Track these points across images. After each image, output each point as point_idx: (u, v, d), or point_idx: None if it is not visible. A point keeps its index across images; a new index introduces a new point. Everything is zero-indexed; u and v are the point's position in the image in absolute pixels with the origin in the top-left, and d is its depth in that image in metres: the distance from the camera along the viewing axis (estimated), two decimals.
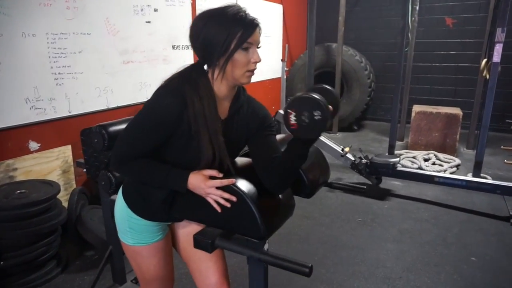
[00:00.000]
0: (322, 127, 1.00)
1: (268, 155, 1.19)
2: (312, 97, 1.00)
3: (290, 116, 1.03)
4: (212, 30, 1.07)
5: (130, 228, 1.28)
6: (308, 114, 1.00)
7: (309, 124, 1.00)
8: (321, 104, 0.99)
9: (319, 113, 0.99)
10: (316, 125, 1.00)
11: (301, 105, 1.01)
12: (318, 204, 3.28)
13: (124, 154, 1.13)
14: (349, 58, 5.60)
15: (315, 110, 0.99)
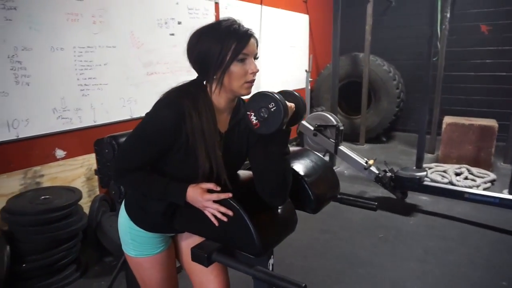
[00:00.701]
0: (280, 116, 1.03)
1: (265, 167, 1.16)
2: (262, 93, 1.05)
3: (250, 117, 1.07)
4: (206, 44, 1.08)
5: (132, 240, 1.29)
6: (264, 109, 1.04)
7: (268, 117, 1.04)
8: (272, 95, 1.04)
9: (273, 104, 1.03)
10: (275, 116, 1.03)
11: (256, 103, 1.06)
12: (339, 218, 3.19)
13: (123, 166, 1.14)
14: (376, 68, 5.47)
15: (269, 103, 1.04)
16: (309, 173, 1.38)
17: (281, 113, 1.02)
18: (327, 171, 1.48)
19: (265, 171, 1.14)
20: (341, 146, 3.74)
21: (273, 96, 1.03)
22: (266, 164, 1.15)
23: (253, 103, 1.06)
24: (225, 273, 1.39)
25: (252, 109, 1.06)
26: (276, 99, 1.02)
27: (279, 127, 1.04)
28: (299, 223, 3.00)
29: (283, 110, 1.02)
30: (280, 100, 1.02)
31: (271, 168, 1.11)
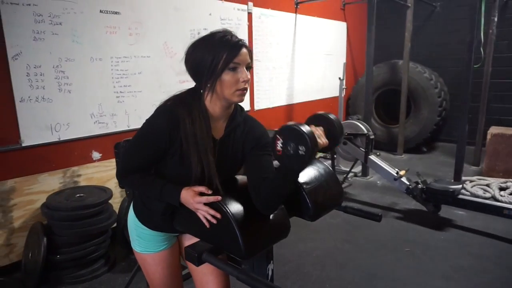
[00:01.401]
0: (305, 163, 1.02)
1: (259, 175, 1.20)
2: (301, 131, 1.01)
3: (277, 142, 1.06)
4: (199, 54, 1.15)
5: (137, 236, 1.39)
6: (293, 145, 1.02)
7: (293, 155, 1.03)
8: (308, 141, 1.00)
9: (303, 149, 1.01)
10: (299, 159, 1.02)
11: (289, 134, 1.03)
12: (365, 229, 3.11)
13: (124, 168, 1.24)
14: (417, 75, 5.26)
15: (301, 145, 1.01)
16: (309, 181, 1.40)
17: (307, 161, 1.02)
18: (329, 180, 1.48)
19: (259, 180, 1.18)
20: (371, 156, 3.65)
21: (308, 143, 1.00)
22: (260, 174, 1.19)
23: (287, 132, 1.03)
24: (225, 274, 1.43)
25: (282, 136, 1.04)
26: (309, 147, 0.99)
27: (296, 169, 1.06)
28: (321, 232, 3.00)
29: (308, 159, 1.01)
30: (312, 150, 1.00)
31: (274, 189, 1.14)
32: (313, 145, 1.01)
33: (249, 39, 4.08)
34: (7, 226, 2.45)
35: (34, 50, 2.44)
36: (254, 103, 4.31)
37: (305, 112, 5.16)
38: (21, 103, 2.43)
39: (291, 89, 4.86)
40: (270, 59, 4.42)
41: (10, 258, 2.48)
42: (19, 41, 2.37)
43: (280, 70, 4.61)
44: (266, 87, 4.45)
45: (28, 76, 2.44)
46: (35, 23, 2.43)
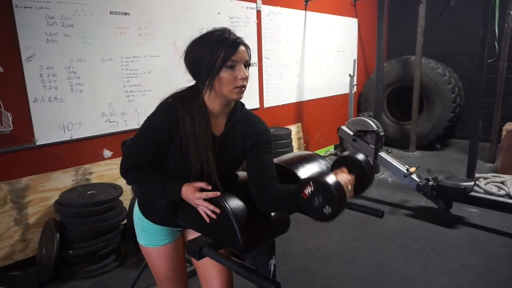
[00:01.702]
0: (324, 220, 1.02)
1: (260, 174, 1.21)
2: (334, 194, 0.98)
3: (307, 187, 1.04)
4: (198, 52, 1.17)
5: (142, 230, 1.42)
6: (321, 201, 1.00)
7: (316, 208, 1.02)
8: (338, 206, 0.99)
9: (329, 210, 1.00)
10: (321, 216, 1.02)
11: (322, 189, 1.00)
12: (373, 226, 3.09)
13: (126, 164, 1.28)
14: (430, 71, 5.17)
15: (329, 205, 0.99)
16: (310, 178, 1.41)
17: (327, 220, 1.02)
18: None
19: (259, 179, 1.20)
20: (381, 152, 3.61)
21: (337, 208, 0.99)
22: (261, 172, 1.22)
23: (321, 186, 1.01)
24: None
25: (314, 186, 1.02)
26: (336, 212, 0.99)
27: (315, 219, 1.05)
28: (329, 229, 2.99)
29: (329, 220, 1.01)
30: (337, 214, 0.99)
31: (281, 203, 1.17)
32: (341, 210, 0.99)
33: (258, 37, 4.10)
34: (22, 222, 2.53)
35: (47, 52, 2.52)
36: (263, 100, 4.32)
37: (315, 109, 5.15)
38: (34, 103, 2.51)
39: (301, 87, 4.85)
40: (279, 56, 4.42)
41: (26, 253, 2.57)
42: (32, 43, 2.45)
43: (289, 67, 4.61)
44: (276, 85, 4.45)
45: (41, 77, 2.52)
46: (47, 25, 2.50)
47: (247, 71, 1.21)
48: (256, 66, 4.13)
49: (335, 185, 1.00)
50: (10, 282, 2.36)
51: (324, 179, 1.01)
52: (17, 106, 2.44)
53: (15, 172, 2.48)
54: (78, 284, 2.40)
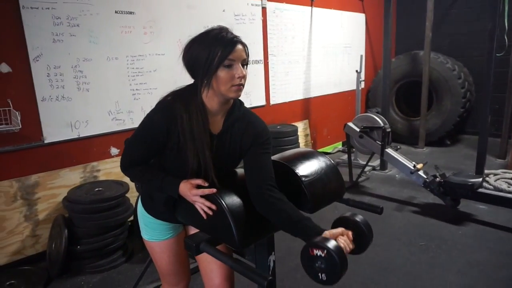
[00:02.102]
0: (313, 279, 1.04)
1: (258, 175, 1.23)
2: (337, 267, 0.98)
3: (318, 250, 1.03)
4: (196, 51, 1.18)
5: (144, 225, 1.45)
6: (321, 267, 1.01)
7: (313, 270, 1.04)
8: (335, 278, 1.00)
9: (324, 278, 1.01)
10: (314, 276, 1.04)
11: (329, 262, 1.00)
12: (379, 222, 3.07)
13: (125, 161, 1.30)
14: (438, 66, 5.09)
15: (326, 273, 1.01)
16: (308, 174, 1.42)
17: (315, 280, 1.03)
18: (329, 173, 1.49)
19: (256, 180, 1.21)
20: (388, 149, 3.59)
21: (332, 279, 1.00)
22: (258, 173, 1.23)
23: (322, 247, 1.01)
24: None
25: (316, 249, 1.02)
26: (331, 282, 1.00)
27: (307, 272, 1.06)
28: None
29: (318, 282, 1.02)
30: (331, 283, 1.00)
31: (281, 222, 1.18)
32: (336, 281, 1.00)
33: (263, 34, 4.09)
34: (32, 219, 2.60)
35: (54, 52, 2.57)
36: (270, 97, 4.32)
37: (322, 106, 5.13)
38: (42, 102, 2.56)
39: (308, 83, 4.83)
40: (285, 53, 4.41)
41: (36, 248, 2.63)
42: (39, 43, 2.50)
43: (296, 64, 4.59)
44: (282, 82, 4.45)
45: (49, 76, 2.57)
46: (54, 25, 2.54)
47: (244, 70, 1.21)
48: (262, 63, 4.13)
49: (343, 265, 0.99)
50: (21, 277, 2.42)
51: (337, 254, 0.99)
52: (26, 105, 2.49)
53: (24, 169, 2.54)
54: (86, 278, 2.46)
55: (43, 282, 2.39)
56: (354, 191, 3.82)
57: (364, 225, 1.20)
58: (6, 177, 2.47)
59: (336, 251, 1.00)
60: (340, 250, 1.01)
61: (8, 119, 2.41)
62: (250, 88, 4.04)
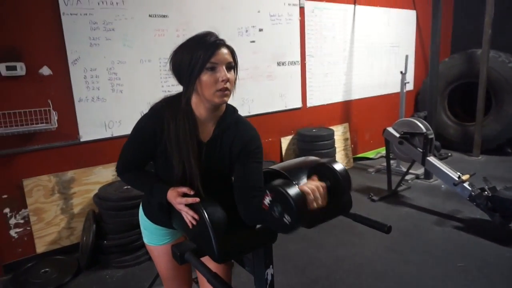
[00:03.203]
0: (287, 230, 0.97)
1: (245, 185, 1.17)
2: (290, 200, 0.94)
3: (266, 197, 1.01)
4: (179, 56, 1.16)
5: (144, 229, 1.46)
6: (280, 210, 0.96)
7: (276, 219, 0.98)
8: (295, 212, 0.93)
9: (288, 219, 0.95)
10: (282, 227, 0.97)
11: (279, 197, 0.97)
12: (415, 237, 2.85)
13: (119, 163, 1.31)
14: (499, 66, 4.60)
15: (287, 214, 0.95)
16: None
17: (288, 232, 0.98)
18: None
19: (243, 190, 1.17)
20: (430, 157, 3.31)
21: (295, 215, 0.94)
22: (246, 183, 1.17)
23: (278, 192, 0.97)
24: (226, 272, 1.43)
25: (272, 193, 0.99)
26: (295, 220, 0.94)
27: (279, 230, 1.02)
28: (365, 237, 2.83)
29: (291, 231, 0.97)
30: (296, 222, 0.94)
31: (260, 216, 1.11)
32: (300, 217, 0.93)
33: (301, 35, 3.99)
34: (68, 212, 2.77)
35: (91, 55, 2.71)
36: (306, 100, 4.21)
37: (365, 109, 4.89)
38: (79, 103, 2.72)
39: (349, 85, 4.63)
40: (324, 54, 4.26)
41: (71, 239, 2.81)
42: (77, 47, 2.65)
43: (336, 65, 4.42)
44: (320, 83, 4.31)
45: (85, 78, 2.72)
46: (91, 30, 2.69)
47: (230, 73, 1.17)
48: (298, 64, 4.03)
49: (292, 191, 0.94)
50: (54, 265, 2.60)
51: (281, 186, 0.95)
52: (64, 106, 2.66)
53: (62, 165, 2.72)
54: (111, 272, 2.57)
55: (73, 273, 2.54)
56: (391, 201, 3.58)
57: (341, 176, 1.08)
58: (45, 172, 2.66)
59: (278, 185, 0.96)
60: (284, 183, 0.97)
61: (48, 119, 2.59)
62: (285, 90, 3.96)
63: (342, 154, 4.63)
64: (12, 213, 2.59)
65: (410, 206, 3.44)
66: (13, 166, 2.54)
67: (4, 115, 2.43)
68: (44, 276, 2.51)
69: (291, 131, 4.15)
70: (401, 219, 3.18)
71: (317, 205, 1.01)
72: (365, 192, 3.79)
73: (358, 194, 3.78)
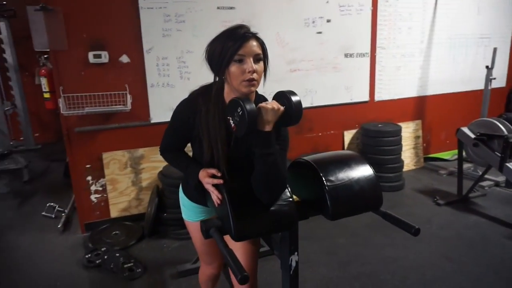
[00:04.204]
0: (245, 121, 1.12)
1: None
2: (234, 100, 1.18)
3: (229, 122, 1.20)
4: (213, 47, 1.25)
5: (182, 205, 1.62)
6: (236, 113, 1.16)
7: (240, 120, 1.15)
8: (238, 102, 1.14)
9: (240, 109, 1.14)
10: (244, 119, 1.12)
11: (231, 109, 1.19)
12: (479, 249, 2.61)
13: (161, 145, 1.47)
14: None
15: (237, 109, 1.15)
16: (335, 179, 1.34)
17: (245, 118, 1.11)
18: (364, 182, 1.38)
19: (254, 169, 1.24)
20: (510, 163, 2.96)
21: (239, 103, 1.14)
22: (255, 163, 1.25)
23: (229, 108, 1.20)
24: (251, 256, 1.51)
25: (229, 114, 1.19)
26: (241, 105, 1.13)
27: (247, 130, 1.12)
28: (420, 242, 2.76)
29: (247, 115, 1.10)
30: (244, 107, 1.12)
31: (256, 168, 1.20)
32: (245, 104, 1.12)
33: (372, 26, 3.82)
34: (137, 184, 3.13)
35: (163, 45, 2.98)
36: (374, 93, 4.04)
37: (442, 106, 4.51)
38: (151, 88, 3.02)
39: (425, 79, 4.30)
40: (397, 46, 4.02)
41: (139, 209, 3.16)
42: (152, 38, 2.93)
43: (410, 58, 4.14)
44: (391, 77, 4.08)
45: (158, 66, 3.00)
46: (164, 22, 2.94)
47: (257, 64, 1.22)
48: (367, 56, 3.88)
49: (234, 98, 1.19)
50: (123, 229, 2.97)
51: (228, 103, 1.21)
52: (138, 90, 2.98)
53: (134, 143, 3.06)
54: (168, 242, 2.85)
55: (137, 238, 2.88)
56: (459, 206, 3.29)
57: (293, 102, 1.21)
58: (120, 148, 3.03)
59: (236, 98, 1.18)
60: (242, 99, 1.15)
61: (125, 101, 2.93)
62: (351, 83, 3.85)
63: (411, 153, 4.36)
64: (93, 181, 3.01)
65: (481, 215, 3.13)
66: (95, 141, 2.94)
67: (90, 97, 2.82)
68: (114, 237, 2.89)
69: (356, 125, 4.03)
70: (467, 228, 2.92)
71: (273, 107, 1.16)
72: (431, 194, 3.55)
73: (422, 196, 3.55)
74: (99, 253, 2.62)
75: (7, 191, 4.05)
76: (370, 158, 3.80)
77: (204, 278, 1.85)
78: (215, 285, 1.98)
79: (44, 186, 4.16)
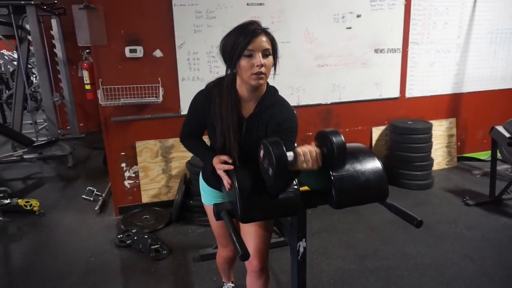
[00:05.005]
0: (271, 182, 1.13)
1: None
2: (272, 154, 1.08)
3: (260, 150, 1.19)
4: (225, 41, 1.34)
5: (201, 190, 1.75)
6: (267, 163, 1.13)
7: (266, 171, 1.16)
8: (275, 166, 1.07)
9: (271, 172, 1.10)
10: (268, 177, 1.14)
11: (267, 152, 1.13)
12: (505, 252, 2.54)
13: (181, 132, 1.59)
14: None
15: (271, 167, 1.10)
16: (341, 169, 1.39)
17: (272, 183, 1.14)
18: (370, 173, 1.41)
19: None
20: None
21: (275, 168, 1.08)
22: None
23: (266, 148, 1.12)
24: (263, 239, 1.60)
25: (263, 149, 1.15)
26: (275, 173, 1.08)
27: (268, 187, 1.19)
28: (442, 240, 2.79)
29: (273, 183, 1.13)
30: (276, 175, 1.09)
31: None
32: (280, 172, 1.07)
33: (405, 20, 3.74)
34: (167, 173, 3.31)
35: (194, 40, 3.12)
36: (405, 90, 3.96)
37: (480, 104, 4.34)
38: (182, 82, 3.18)
39: (461, 76, 4.15)
40: (432, 41, 3.91)
41: (168, 196, 3.35)
42: (183, 33, 3.08)
43: (446, 54, 4.01)
44: (424, 73, 3.98)
45: (188, 60, 3.15)
46: (195, 18, 3.08)
47: (266, 59, 1.30)
48: (399, 52, 3.80)
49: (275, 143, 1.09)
50: (153, 214, 3.17)
51: (269, 142, 1.12)
52: (170, 83, 3.15)
53: (165, 133, 3.24)
54: (193, 228, 3.00)
55: (165, 222, 3.06)
56: (489, 208, 3.18)
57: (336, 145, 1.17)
58: (152, 137, 3.22)
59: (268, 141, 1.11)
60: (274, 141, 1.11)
61: (157, 94, 3.11)
62: (381, 79, 3.80)
63: (443, 152, 4.23)
64: (127, 167, 3.23)
65: (507, 216, 3.01)
66: (130, 130, 3.15)
67: (126, 89, 3.02)
68: (144, 220, 3.09)
69: (385, 122, 3.98)
70: (495, 229, 2.83)
71: (307, 166, 1.15)
72: (461, 194, 3.45)
73: (451, 196, 3.46)
74: (130, 234, 2.83)
75: (54, 174, 4.43)
76: (397, 155, 3.75)
77: (221, 260, 1.98)
78: (232, 268, 2.10)
79: (86, 172, 4.50)
